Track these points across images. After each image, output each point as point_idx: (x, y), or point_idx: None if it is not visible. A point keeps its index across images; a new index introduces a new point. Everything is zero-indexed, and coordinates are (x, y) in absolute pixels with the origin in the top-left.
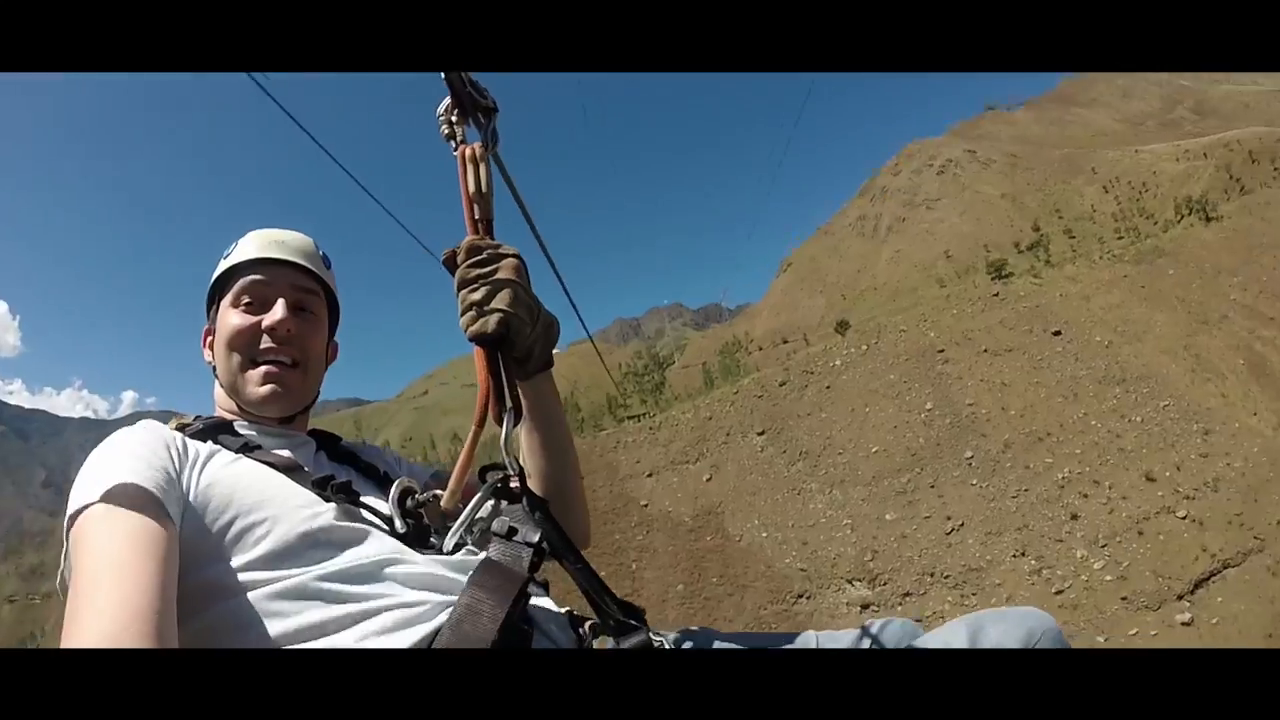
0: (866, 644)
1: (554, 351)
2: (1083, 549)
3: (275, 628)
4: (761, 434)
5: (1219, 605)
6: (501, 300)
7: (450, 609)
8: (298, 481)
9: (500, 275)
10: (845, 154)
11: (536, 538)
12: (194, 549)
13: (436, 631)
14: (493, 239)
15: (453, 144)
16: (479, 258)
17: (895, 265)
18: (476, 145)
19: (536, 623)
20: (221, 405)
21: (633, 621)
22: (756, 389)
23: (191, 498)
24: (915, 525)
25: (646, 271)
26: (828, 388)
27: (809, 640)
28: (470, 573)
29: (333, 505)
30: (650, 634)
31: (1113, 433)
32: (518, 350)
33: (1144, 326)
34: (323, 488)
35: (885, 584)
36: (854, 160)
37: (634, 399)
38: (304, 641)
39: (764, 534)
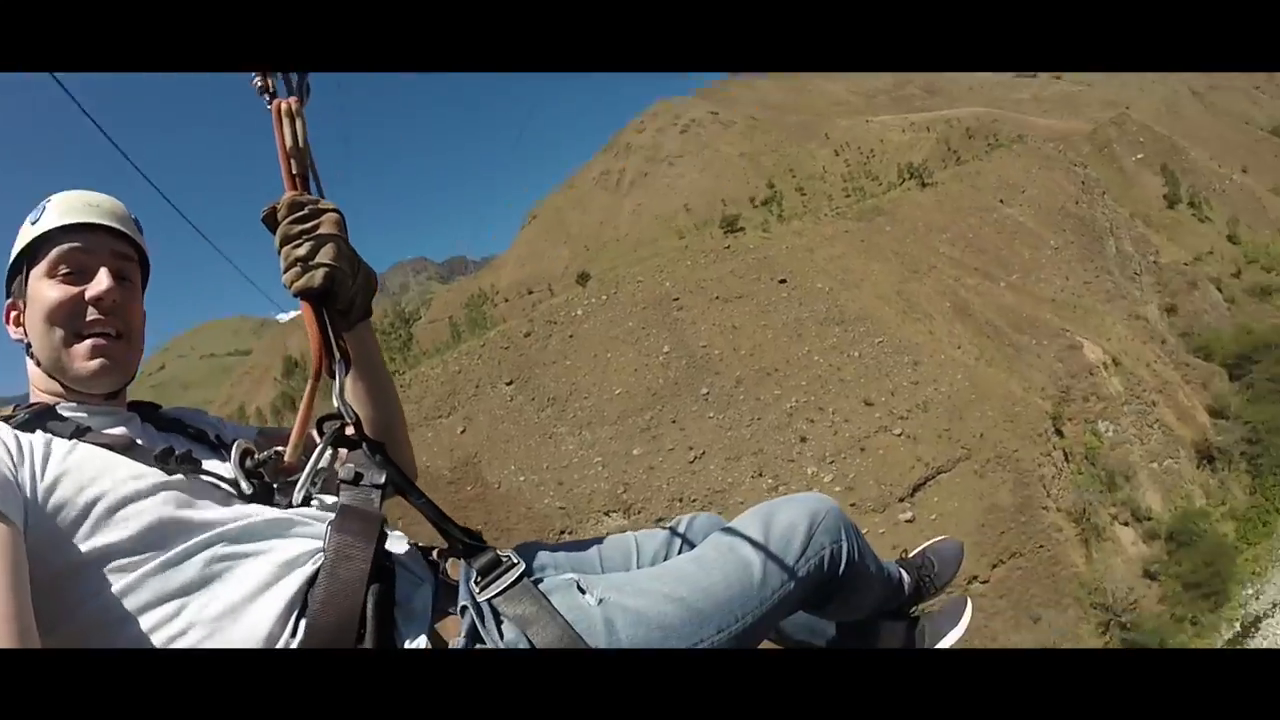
0: (677, 544)
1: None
2: (813, 466)
3: (150, 616)
4: (510, 384)
5: (935, 504)
6: (326, 255)
7: (317, 557)
8: (139, 459)
9: (323, 230)
10: (592, 110)
11: (382, 479)
12: (48, 548)
13: (311, 579)
14: (310, 194)
15: (266, 98)
16: (300, 213)
17: (637, 218)
18: (292, 100)
19: (394, 557)
20: (40, 386)
21: (476, 543)
22: (503, 340)
23: (37, 498)
24: (661, 457)
25: (388, 225)
26: (571, 336)
27: (628, 542)
28: (329, 521)
29: (179, 478)
30: (496, 552)
31: (834, 366)
32: (341, 303)
33: (862, 275)
34: (165, 461)
35: (639, 513)
36: (601, 116)
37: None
38: (182, 620)
39: (521, 478)
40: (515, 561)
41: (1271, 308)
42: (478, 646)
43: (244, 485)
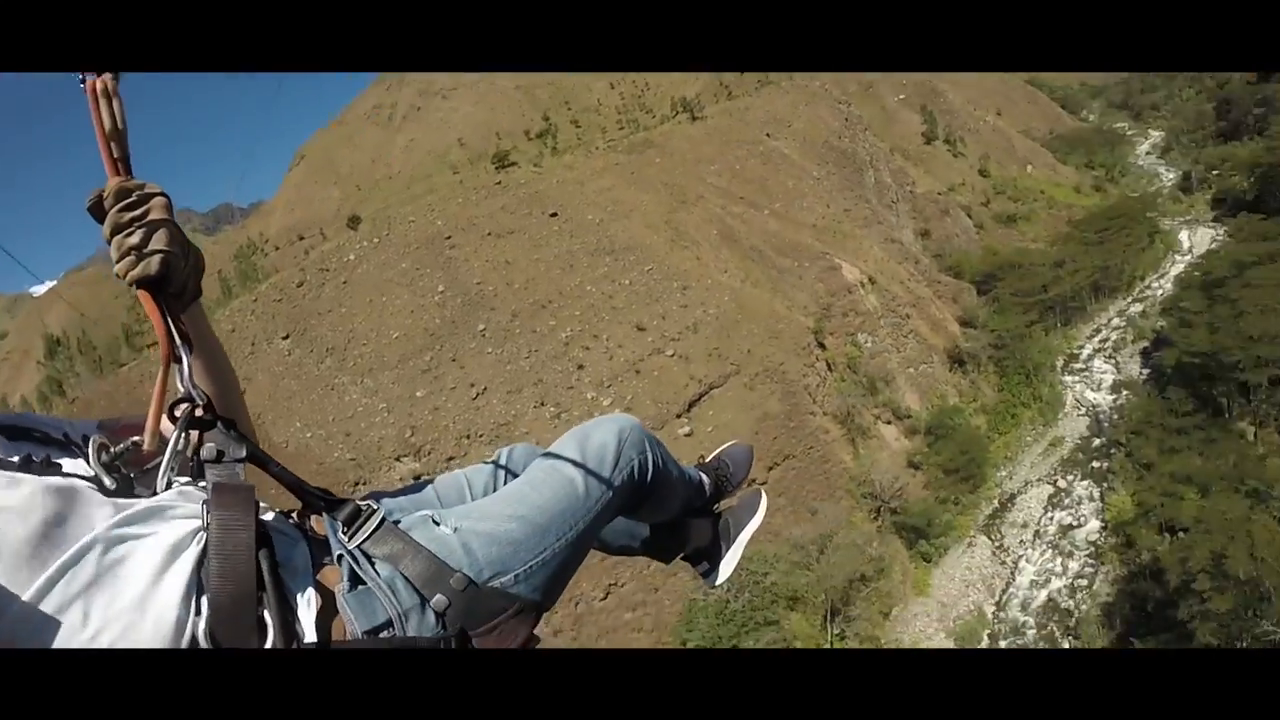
0: (502, 475)
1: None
2: (592, 391)
3: (60, 626)
4: (286, 338)
5: (711, 417)
6: (159, 241)
7: (200, 536)
8: (3, 470)
9: (153, 216)
10: None
11: (244, 454)
12: None
13: (200, 558)
14: (133, 177)
15: (79, 75)
16: (129, 200)
17: (410, 154)
18: (107, 77)
19: (267, 524)
20: None
21: (334, 498)
22: (275, 293)
23: None
24: (444, 397)
25: (145, 177)
26: (345, 283)
27: (459, 479)
28: (200, 501)
29: (49, 482)
30: (356, 503)
31: (606, 295)
32: (175, 287)
33: (632, 206)
34: (28, 469)
35: (430, 454)
36: None
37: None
38: (94, 622)
39: (308, 434)
40: (375, 507)
41: (1015, 233)
42: (359, 588)
43: (106, 481)
